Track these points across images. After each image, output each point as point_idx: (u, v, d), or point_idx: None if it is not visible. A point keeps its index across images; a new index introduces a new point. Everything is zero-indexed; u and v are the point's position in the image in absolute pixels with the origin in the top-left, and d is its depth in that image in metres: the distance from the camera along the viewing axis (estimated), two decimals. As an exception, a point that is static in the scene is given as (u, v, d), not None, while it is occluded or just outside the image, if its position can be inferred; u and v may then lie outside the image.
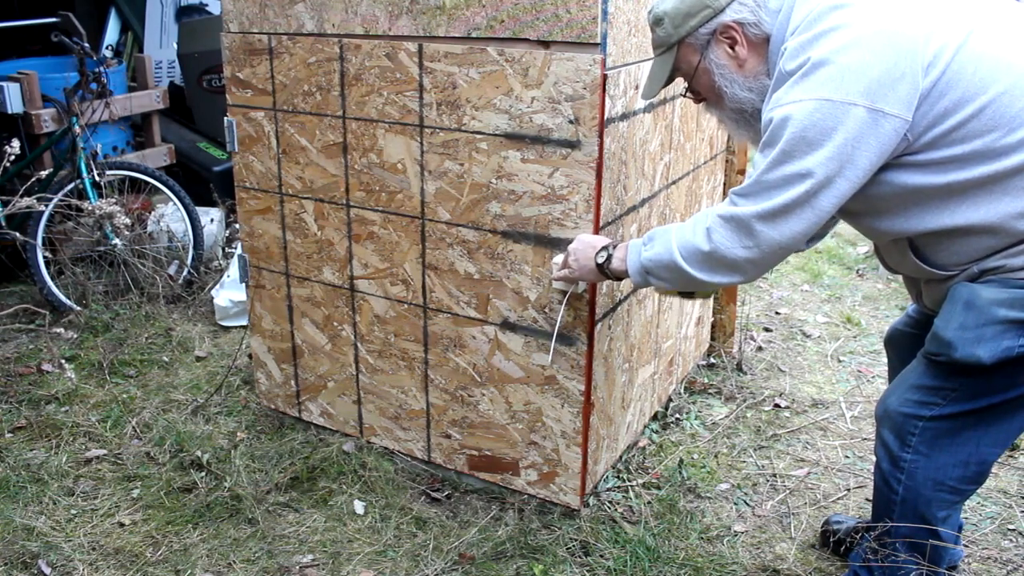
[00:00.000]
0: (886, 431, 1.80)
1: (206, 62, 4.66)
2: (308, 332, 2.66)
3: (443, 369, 2.41)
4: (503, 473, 2.41)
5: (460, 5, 2.05)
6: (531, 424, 2.31)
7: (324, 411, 2.73)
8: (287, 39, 2.37)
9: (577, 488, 2.30)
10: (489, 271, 2.24)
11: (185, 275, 3.89)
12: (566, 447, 2.27)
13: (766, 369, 3.29)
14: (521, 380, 2.28)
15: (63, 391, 3.07)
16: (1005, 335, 1.57)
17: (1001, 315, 1.57)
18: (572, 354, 2.18)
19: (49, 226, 3.69)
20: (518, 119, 2.07)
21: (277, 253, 2.63)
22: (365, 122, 2.30)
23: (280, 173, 2.53)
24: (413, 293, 2.39)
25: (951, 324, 1.63)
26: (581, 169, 2.02)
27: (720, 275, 1.70)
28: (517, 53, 2.01)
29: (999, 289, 1.59)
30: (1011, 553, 2.28)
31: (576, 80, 1.95)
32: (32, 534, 2.32)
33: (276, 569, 2.22)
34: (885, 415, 1.80)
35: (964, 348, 1.60)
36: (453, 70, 2.11)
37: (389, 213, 2.35)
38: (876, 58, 1.49)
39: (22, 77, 3.81)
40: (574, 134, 2.00)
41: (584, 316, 2.12)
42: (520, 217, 2.14)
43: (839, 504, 2.51)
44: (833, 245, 4.62)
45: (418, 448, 2.56)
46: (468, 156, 2.17)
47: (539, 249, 2.14)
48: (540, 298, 2.18)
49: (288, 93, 2.42)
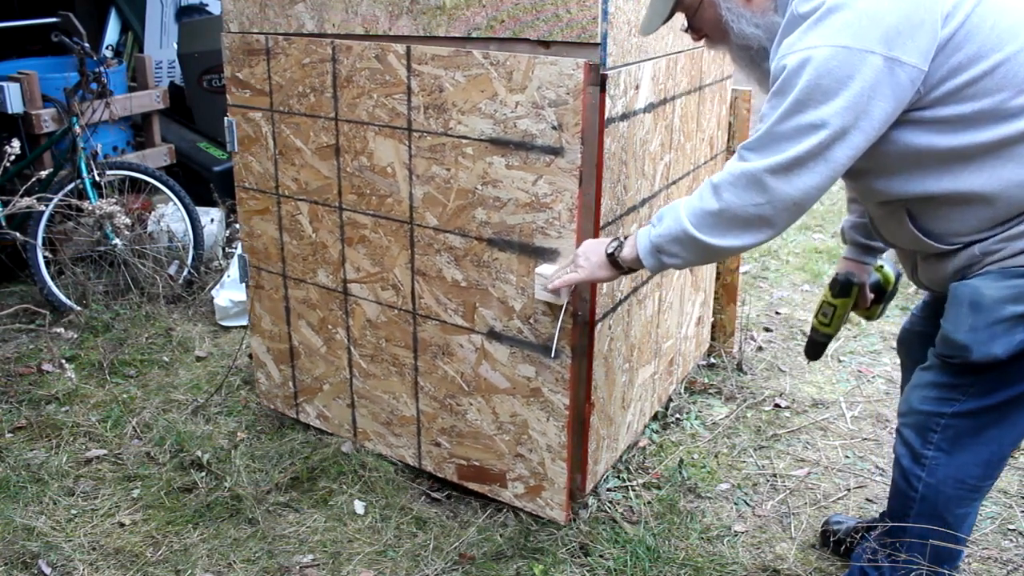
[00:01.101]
0: (907, 429, 1.78)
1: (206, 62, 4.66)
2: (304, 334, 2.65)
3: (432, 376, 2.39)
4: (491, 484, 2.38)
5: (460, 5, 2.05)
6: (517, 436, 2.28)
7: (320, 413, 2.73)
8: (283, 39, 2.36)
9: (563, 503, 2.27)
10: (475, 279, 2.21)
11: (185, 275, 3.90)
12: (552, 461, 2.24)
13: (766, 369, 3.29)
14: (507, 391, 2.25)
15: (63, 391, 3.07)
16: (1015, 329, 1.56)
17: (1008, 312, 1.56)
18: (557, 367, 2.14)
19: (49, 226, 3.69)
20: (503, 124, 2.03)
21: (275, 254, 2.63)
22: (356, 124, 2.29)
23: (277, 174, 2.52)
24: (403, 299, 2.37)
25: (961, 327, 1.61)
26: (564, 177, 1.98)
27: (733, 237, 1.62)
28: (502, 56, 1.98)
29: (1000, 283, 1.57)
30: (1011, 553, 2.28)
31: (559, 85, 1.92)
32: (32, 534, 2.32)
33: (276, 569, 2.22)
34: (908, 412, 1.78)
35: (979, 349, 1.59)
36: (440, 73, 2.08)
37: (380, 217, 2.33)
38: (894, 4, 1.44)
39: (22, 77, 3.81)
40: (557, 140, 1.96)
41: (568, 329, 2.09)
42: (505, 225, 2.11)
43: (839, 504, 2.51)
44: (833, 245, 4.62)
45: (409, 455, 2.54)
46: (454, 161, 2.14)
47: (523, 258, 2.10)
48: (525, 308, 2.14)
49: (284, 94, 2.41)
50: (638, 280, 2.41)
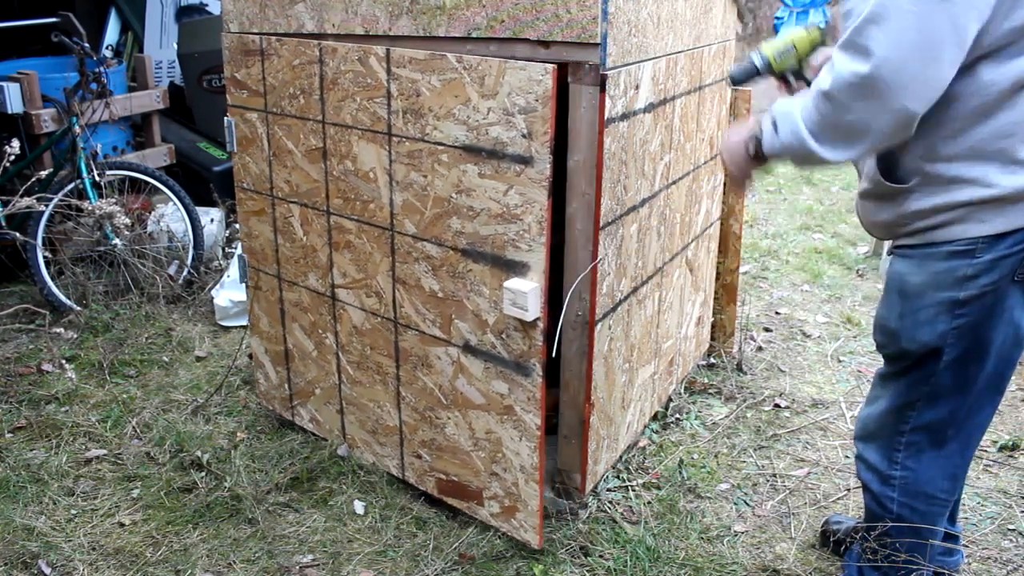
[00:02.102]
0: (871, 453, 1.83)
1: (206, 62, 4.66)
2: (298, 337, 2.64)
3: (413, 387, 2.34)
4: (469, 502, 2.33)
5: (460, 5, 2.05)
6: (492, 454, 2.21)
7: (313, 417, 2.72)
8: (275, 40, 2.34)
9: (536, 526, 2.19)
10: (451, 290, 2.15)
11: (185, 275, 3.89)
12: (525, 482, 2.16)
13: (766, 369, 3.29)
14: (482, 407, 2.19)
15: (63, 391, 3.07)
16: (939, 318, 1.63)
17: (931, 299, 1.63)
18: (528, 385, 2.07)
19: (49, 226, 3.69)
20: (475, 131, 1.96)
21: (271, 255, 2.62)
22: (342, 128, 2.25)
23: (271, 175, 2.51)
24: (385, 307, 2.32)
25: (892, 314, 1.71)
26: (534, 187, 1.91)
27: (848, 105, 1.46)
28: (474, 60, 1.91)
29: (922, 269, 1.63)
30: (1011, 553, 2.28)
31: (528, 91, 1.85)
32: (32, 534, 2.32)
33: (276, 569, 2.22)
34: (868, 436, 1.83)
35: (907, 335, 1.68)
36: (417, 77, 2.04)
37: (363, 223, 2.29)
38: None
39: (22, 77, 3.81)
40: (527, 149, 1.88)
41: (539, 346, 2.01)
42: (479, 235, 2.04)
43: (839, 504, 2.51)
44: (833, 245, 4.62)
45: (393, 465, 2.51)
46: (431, 168, 2.08)
47: (495, 271, 2.03)
48: (498, 323, 2.06)
49: (277, 95, 2.39)
50: (638, 280, 2.41)
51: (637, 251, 2.37)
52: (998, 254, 1.56)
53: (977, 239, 1.56)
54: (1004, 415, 2.95)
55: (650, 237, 2.45)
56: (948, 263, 1.60)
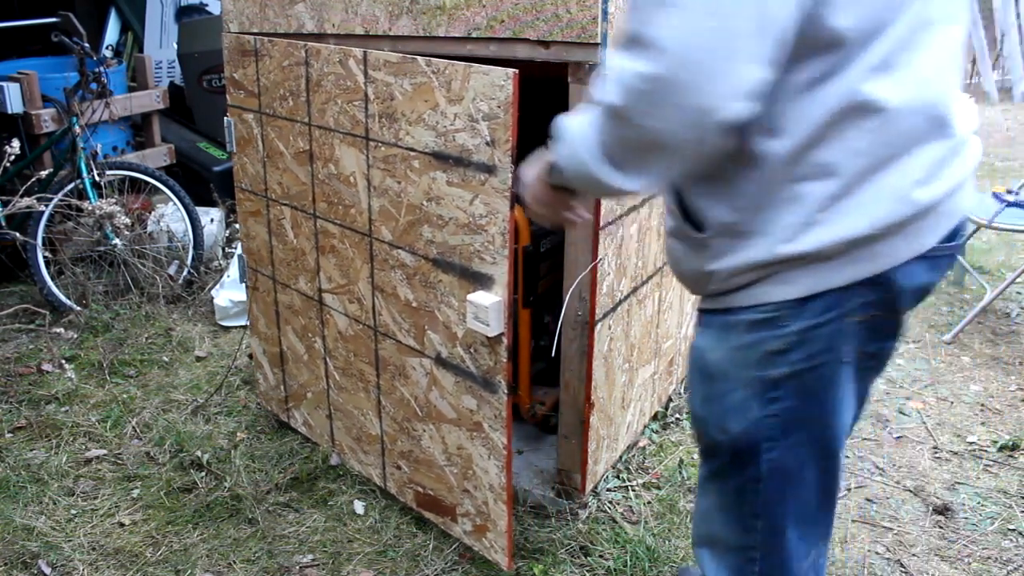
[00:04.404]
0: (725, 572, 1.45)
1: (206, 62, 4.66)
2: (291, 339, 2.64)
3: (392, 397, 2.31)
4: (444, 517, 2.29)
5: (460, 5, 2.05)
6: (464, 470, 2.16)
7: (305, 421, 2.72)
8: (268, 41, 2.33)
9: (505, 548, 2.11)
10: (424, 300, 2.09)
11: (185, 275, 3.90)
12: (494, 502, 2.10)
13: (766, 369, 3.28)
14: (454, 422, 2.13)
15: (63, 391, 3.07)
16: (749, 403, 1.28)
17: (736, 378, 1.29)
18: (495, 402, 1.99)
19: (49, 226, 3.69)
20: (443, 137, 1.91)
21: (266, 257, 2.62)
22: (325, 131, 2.22)
23: (266, 177, 2.50)
24: (366, 313, 2.29)
25: (696, 398, 1.38)
26: (497, 197, 1.84)
27: (635, 112, 1.08)
28: (442, 64, 1.86)
29: (723, 343, 1.30)
30: (1011, 553, 2.28)
31: (491, 97, 1.78)
32: (32, 534, 2.32)
33: (276, 569, 2.22)
34: (725, 550, 1.45)
35: (714, 423, 1.34)
36: (391, 80, 2.00)
37: (346, 228, 2.26)
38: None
39: (22, 77, 3.81)
40: (491, 157, 1.82)
41: (503, 362, 1.93)
42: (447, 245, 1.98)
43: (838, 504, 2.50)
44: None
45: (376, 474, 2.48)
46: (404, 174, 2.03)
47: (463, 282, 1.96)
48: (466, 336, 2.00)
49: (269, 96, 2.38)
50: (638, 280, 2.42)
51: (637, 251, 2.37)
52: (806, 323, 1.21)
53: (781, 303, 1.21)
54: (1004, 415, 2.95)
55: (650, 237, 2.45)
56: (751, 335, 1.25)
